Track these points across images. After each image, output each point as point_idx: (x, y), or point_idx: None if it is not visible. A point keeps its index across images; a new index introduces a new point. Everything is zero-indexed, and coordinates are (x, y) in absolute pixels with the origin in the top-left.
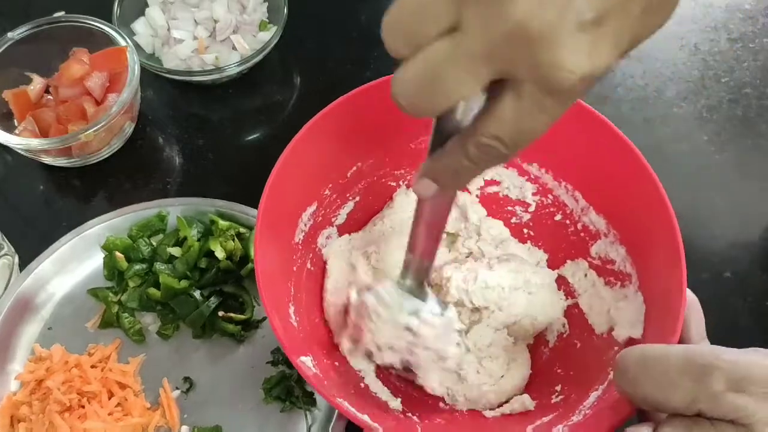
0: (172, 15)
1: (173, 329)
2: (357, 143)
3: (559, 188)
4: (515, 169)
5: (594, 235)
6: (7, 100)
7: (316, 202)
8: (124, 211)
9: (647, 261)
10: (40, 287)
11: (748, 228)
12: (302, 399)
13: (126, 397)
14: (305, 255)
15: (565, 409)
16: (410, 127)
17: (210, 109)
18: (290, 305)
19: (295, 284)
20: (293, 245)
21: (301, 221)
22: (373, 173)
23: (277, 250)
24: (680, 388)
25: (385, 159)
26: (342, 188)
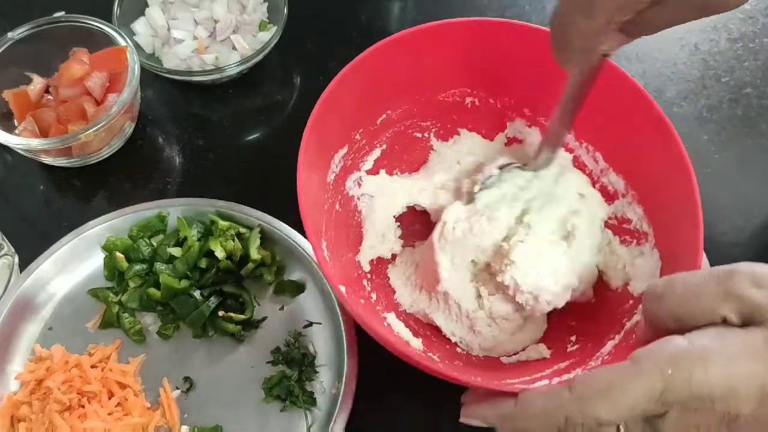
0: (172, 15)
1: (173, 329)
2: (388, 91)
3: (580, 148)
4: (537, 128)
5: (612, 195)
6: (7, 100)
7: (347, 145)
8: (125, 211)
9: (664, 220)
10: (40, 287)
11: (748, 228)
12: (302, 399)
13: (126, 396)
14: (335, 196)
15: (581, 356)
16: (441, 78)
17: (210, 109)
18: (323, 240)
19: (326, 222)
20: (326, 184)
21: (333, 162)
22: (402, 122)
23: (313, 187)
24: (707, 293)
25: (414, 109)
26: (372, 134)
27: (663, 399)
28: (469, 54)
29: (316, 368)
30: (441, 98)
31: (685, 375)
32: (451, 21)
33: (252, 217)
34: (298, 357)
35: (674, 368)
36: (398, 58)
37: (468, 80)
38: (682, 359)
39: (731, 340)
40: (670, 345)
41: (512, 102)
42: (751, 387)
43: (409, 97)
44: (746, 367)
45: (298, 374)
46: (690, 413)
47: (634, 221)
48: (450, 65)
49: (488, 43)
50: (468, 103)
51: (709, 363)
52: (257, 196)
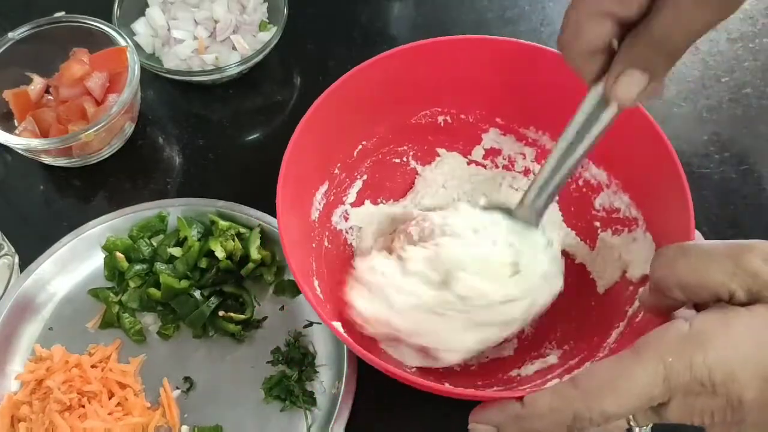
0: (172, 15)
1: (173, 329)
2: (361, 121)
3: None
4: (512, 135)
5: (596, 188)
6: (7, 100)
7: (327, 181)
8: (125, 211)
9: (652, 203)
10: (40, 287)
11: (749, 229)
12: (302, 399)
13: (126, 396)
14: (322, 233)
15: (589, 351)
16: (410, 102)
17: (210, 109)
18: (314, 279)
19: (316, 260)
20: (311, 222)
21: (315, 200)
22: (378, 150)
23: (297, 226)
24: (718, 265)
25: (389, 135)
26: (350, 167)
27: (666, 386)
28: (435, 74)
29: (316, 368)
30: (414, 121)
31: (685, 361)
32: (413, 45)
33: (252, 217)
34: (298, 357)
35: (675, 355)
36: (366, 87)
37: (437, 99)
38: (683, 345)
39: (734, 323)
40: (670, 331)
41: (484, 114)
42: (751, 371)
43: (381, 124)
44: (746, 352)
45: (298, 374)
46: (692, 398)
47: (623, 209)
48: (420, 87)
49: (451, 60)
50: (441, 122)
51: (709, 348)
52: (257, 196)
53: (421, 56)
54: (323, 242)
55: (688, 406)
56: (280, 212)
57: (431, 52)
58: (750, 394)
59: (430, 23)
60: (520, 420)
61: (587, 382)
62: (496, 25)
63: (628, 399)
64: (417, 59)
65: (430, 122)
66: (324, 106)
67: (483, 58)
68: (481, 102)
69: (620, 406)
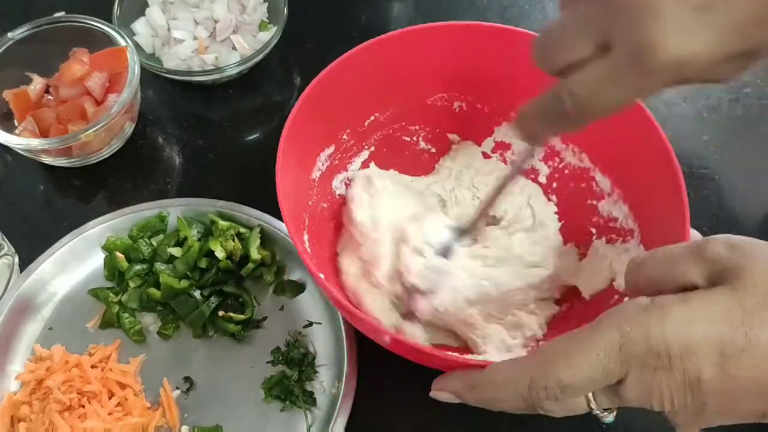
0: (172, 15)
1: (173, 329)
2: (377, 92)
3: (566, 150)
4: None
5: (599, 195)
6: (7, 100)
7: (334, 144)
8: (125, 211)
9: (650, 216)
10: (40, 287)
11: (748, 229)
12: (302, 398)
13: (126, 396)
14: (320, 193)
15: None
16: (428, 82)
17: (210, 109)
18: (305, 234)
19: (310, 217)
20: (310, 180)
21: (319, 160)
22: (390, 125)
23: (296, 180)
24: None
25: (402, 112)
26: (359, 136)
27: (622, 357)
28: (458, 58)
29: (316, 368)
30: (429, 102)
31: (642, 330)
32: (441, 24)
33: (252, 217)
34: (298, 357)
35: (632, 324)
36: (387, 59)
37: (456, 84)
38: (641, 316)
39: (693, 299)
40: (630, 304)
41: (499, 106)
42: (708, 347)
43: (397, 100)
44: (704, 326)
45: (298, 374)
46: (649, 373)
47: (620, 219)
48: (439, 69)
49: (477, 47)
50: (456, 108)
51: (667, 320)
52: (257, 196)
53: (447, 37)
54: (320, 203)
55: (645, 383)
56: (280, 161)
57: (459, 35)
58: (708, 371)
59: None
60: (477, 388)
61: (546, 352)
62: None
63: (583, 368)
64: (443, 40)
65: (446, 106)
66: (342, 67)
67: (507, 50)
68: (498, 94)
69: (575, 376)
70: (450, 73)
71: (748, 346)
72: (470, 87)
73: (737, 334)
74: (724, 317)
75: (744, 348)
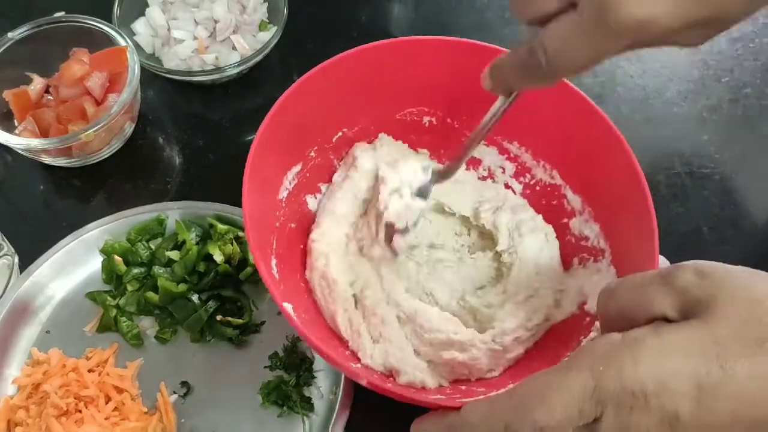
0: (172, 15)
1: (171, 333)
2: (345, 108)
3: (537, 167)
4: (495, 147)
5: (570, 213)
6: (7, 100)
7: (301, 162)
8: (123, 214)
9: (620, 235)
10: (38, 291)
11: (748, 229)
12: (300, 404)
13: (123, 401)
14: (288, 213)
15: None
16: (397, 97)
17: (210, 109)
18: (272, 257)
19: (278, 239)
20: (277, 201)
21: (286, 179)
22: (358, 140)
23: (262, 203)
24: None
25: (371, 128)
26: (327, 152)
27: (596, 397)
28: (428, 73)
29: (314, 373)
30: (398, 117)
31: (616, 369)
32: (409, 39)
33: None
34: (296, 362)
35: (605, 363)
36: (355, 75)
37: (426, 99)
38: (614, 354)
39: (666, 333)
40: (602, 341)
41: (469, 121)
42: (684, 382)
43: (365, 115)
44: (677, 361)
45: (295, 379)
46: (625, 412)
47: (591, 238)
48: (408, 84)
49: (447, 63)
50: (426, 123)
51: (640, 357)
52: None
53: (412, 52)
54: (288, 222)
55: (622, 422)
56: (246, 188)
57: (423, 50)
58: (685, 406)
59: (430, 23)
60: (456, 429)
61: (521, 392)
62: (496, 25)
63: (558, 410)
64: (408, 55)
65: (416, 120)
66: (308, 83)
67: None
68: (469, 109)
69: (550, 418)
70: (419, 88)
71: (724, 378)
72: (440, 102)
73: (713, 367)
74: (698, 351)
75: (720, 381)
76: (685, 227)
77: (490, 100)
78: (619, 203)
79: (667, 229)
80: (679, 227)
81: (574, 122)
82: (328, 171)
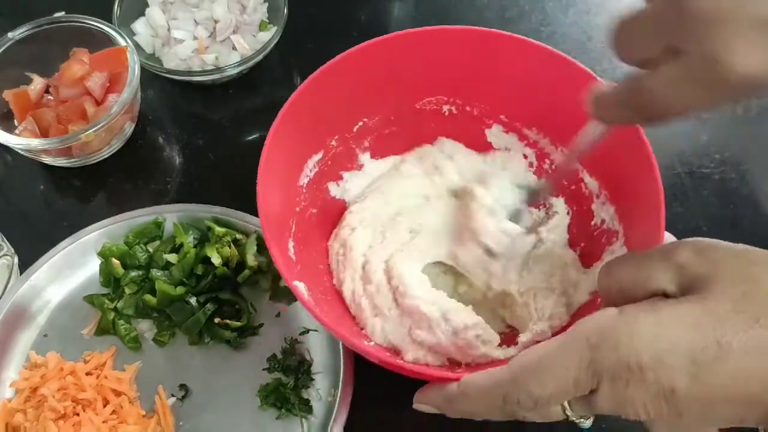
0: (172, 15)
1: (169, 336)
2: (364, 98)
3: (556, 152)
4: (515, 134)
5: (588, 197)
6: (7, 100)
7: (322, 150)
8: (121, 217)
9: (632, 216)
10: (36, 294)
11: (749, 229)
12: (298, 406)
13: (121, 404)
14: (309, 199)
15: None
16: (416, 86)
17: (210, 109)
18: (290, 240)
19: (297, 223)
20: (297, 187)
21: (307, 167)
22: (379, 130)
23: (281, 188)
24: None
25: (390, 117)
26: (348, 141)
27: (592, 369)
28: (446, 62)
29: (312, 375)
30: (418, 106)
31: (611, 343)
32: (428, 29)
33: (248, 224)
34: (294, 364)
35: (601, 336)
36: (374, 65)
37: (445, 88)
38: (610, 327)
39: (663, 308)
40: (600, 315)
41: (489, 108)
42: (680, 356)
43: (385, 105)
44: (674, 335)
45: (294, 381)
46: (621, 385)
47: (607, 220)
48: (427, 73)
49: (465, 51)
50: (445, 111)
51: (636, 330)
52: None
53: (429, 42)
54: (309, 208)
55: (617, 394)
56: (262, 168)
57: (440, 39)
58: (681, 381)
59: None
60: (455, 401)
61: (518, 364)
62: (496, 25)
63: (553, 381)
64: (425, 44)
65: (435, 109)
66: (328, 74)
67: (492, 53)
68: (488, 96)
69: (545, 389)
70: (438, 77)
71: (720, 353)
72: (459, 90)
73: (709, 342)
74: (694, 326)
75: (717, 356)
76: (685, 227)
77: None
78: (632, 185)
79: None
80: (679, 227)
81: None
82: (350, 160)
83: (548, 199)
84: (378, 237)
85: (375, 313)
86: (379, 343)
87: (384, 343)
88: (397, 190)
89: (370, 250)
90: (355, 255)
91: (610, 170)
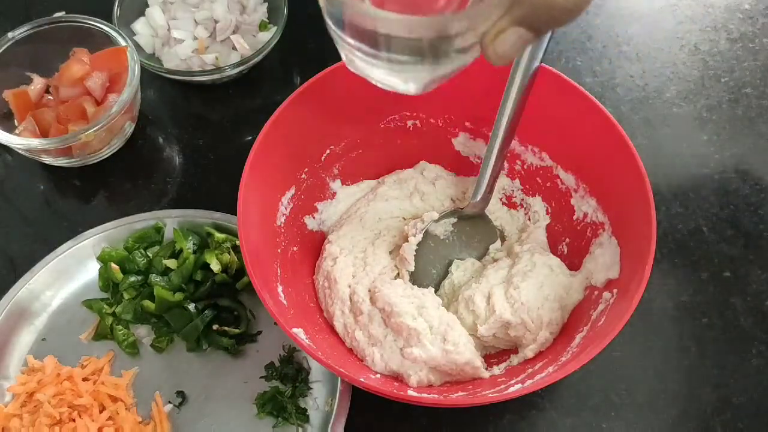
0: (172, 15)
1: (167, 342)
2: (329, 125)
3: (527, 152)
4: (482, 139)
5: (565, 192)
6: (7, 100)
7: (294, 186)
8: (121, 222)
9: (618, 206)
10: (34, 298)
11: (749, 229)
12: (295, 415)
13: (117, 410)
14: (288, 237)
15: (553, 355)
16: (379, 107)
17: (210, 109)
18: (278, 285)
19: (282, 265)
20: (275, 228)
21: (282, 205)
22: (347, 155)
23: (260, 232)
24: None
25: (357, 140)
26: (318, 171)
27: None
28: None
29: (310, 384)
30: (382, 126)
31: None
32: None
33: None
34: (292, 373)
35: None
36: (336, 91)
37: (407, 104)
38: None
39: None
40: None
41: (453, 118)
42: None
43: (349, 129)
44: None
45: (291, 390)
46: None
47: (590, 213)
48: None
49: None
50: (410, 126)
51: None
52: None
53: None
54: (290, 247)
55: None
56: (241, 220)
57: None
58: None
59: None
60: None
61: None
62: None
63: None
64: None
65: (399, 126)
66: (289, 109)
67: None
68: (450, 106)
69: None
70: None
71: None
72: (420, 104)
73: None
74: None
75: None
76: (685, 227)
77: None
78: (613, 175)
79: (667, 229)
80: (679, 227)
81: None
82: (322, 190)
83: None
84: (360, 264)
85: (372, 343)
86: (381, 372)
87: (386, 371)
88: (374, 214)
89: (353, 279)
90: (341, 287)
91: (586, 162)
